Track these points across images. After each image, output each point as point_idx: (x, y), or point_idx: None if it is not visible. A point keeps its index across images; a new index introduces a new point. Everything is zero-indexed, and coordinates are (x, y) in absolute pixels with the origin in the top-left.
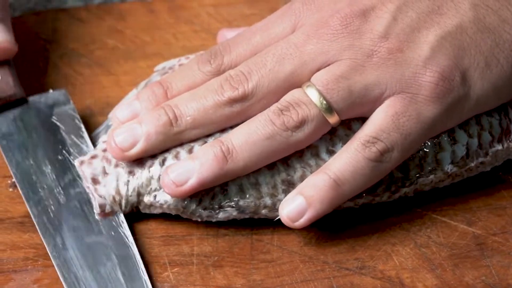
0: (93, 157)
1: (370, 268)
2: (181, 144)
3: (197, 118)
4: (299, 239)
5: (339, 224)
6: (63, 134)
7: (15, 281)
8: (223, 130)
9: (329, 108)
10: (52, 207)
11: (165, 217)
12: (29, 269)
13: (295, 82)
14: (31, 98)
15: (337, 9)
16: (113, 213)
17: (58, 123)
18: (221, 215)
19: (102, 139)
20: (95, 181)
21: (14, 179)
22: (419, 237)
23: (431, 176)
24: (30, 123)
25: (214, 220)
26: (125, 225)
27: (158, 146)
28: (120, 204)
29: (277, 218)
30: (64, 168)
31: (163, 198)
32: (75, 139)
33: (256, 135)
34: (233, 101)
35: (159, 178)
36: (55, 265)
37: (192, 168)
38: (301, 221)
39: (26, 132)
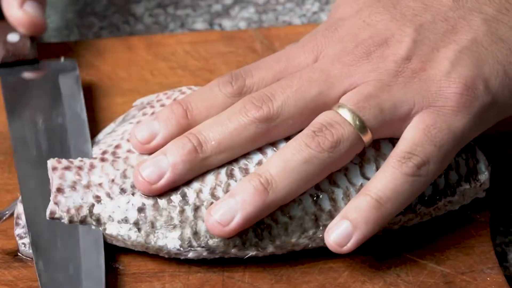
0: (67, 168)
1: None
2: None
3: (222, 142)
4: (270, 276)
5: (309, 262)
6: (62, 96)
7: None
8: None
9: (363, 126)
10: (34, 154)
11: (137, 253)
12: None
13: (322, 104)
14: (42, 61)
15: (359, 41)
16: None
17: (60, 86)
18: (191, 255)
19: (94, 150)
20: (59, 190)
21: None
22: (388, 276)
23: (400, 215)
24: (35, 81)
25: (182, 257)
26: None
27: (186, 175)
28: (71, 218)
29: (247, 256)
30: (53, 126)
31: (126, 233)
32: (72, 102)
33: (292, 161)
34: (257, 121)
35: (125, 209)
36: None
37: (234, 206)
38: (349, 245)
39: (30, 88)
